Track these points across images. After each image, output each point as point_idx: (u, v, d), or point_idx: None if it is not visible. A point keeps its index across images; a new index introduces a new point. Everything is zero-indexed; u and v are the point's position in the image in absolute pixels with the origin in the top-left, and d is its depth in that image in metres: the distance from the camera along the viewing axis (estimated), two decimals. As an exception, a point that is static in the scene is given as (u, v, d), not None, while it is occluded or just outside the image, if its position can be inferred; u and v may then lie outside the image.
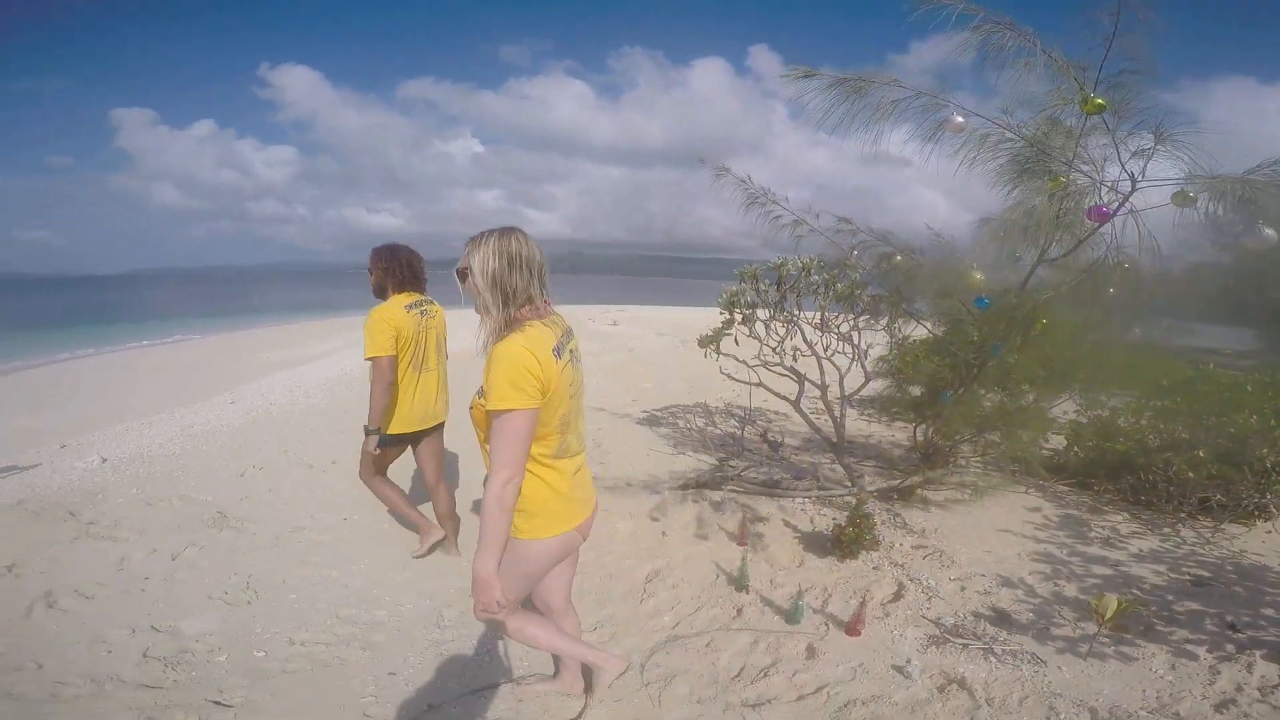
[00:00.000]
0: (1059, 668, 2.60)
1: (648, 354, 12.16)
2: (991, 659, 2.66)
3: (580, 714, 2.34)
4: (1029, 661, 2.63)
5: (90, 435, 6.27)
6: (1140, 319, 3.40)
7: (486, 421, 1.72)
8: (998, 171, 3.11)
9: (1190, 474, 4.10)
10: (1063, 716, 2.30)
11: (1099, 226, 2.87)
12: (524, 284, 1.72)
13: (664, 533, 3.98)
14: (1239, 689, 2.44)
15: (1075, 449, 5.07)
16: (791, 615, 2.97)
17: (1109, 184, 2.76)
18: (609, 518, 4.21)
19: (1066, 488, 4.88)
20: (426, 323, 3.42)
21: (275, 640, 2.84)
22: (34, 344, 15.98)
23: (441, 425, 3.66)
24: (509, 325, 1.72)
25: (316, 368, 10.49)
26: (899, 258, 3.68)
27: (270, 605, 3.13)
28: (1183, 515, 4.21)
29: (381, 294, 3.38)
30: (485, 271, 1.70)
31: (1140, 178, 2.66)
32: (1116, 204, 2.80)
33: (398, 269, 3.34)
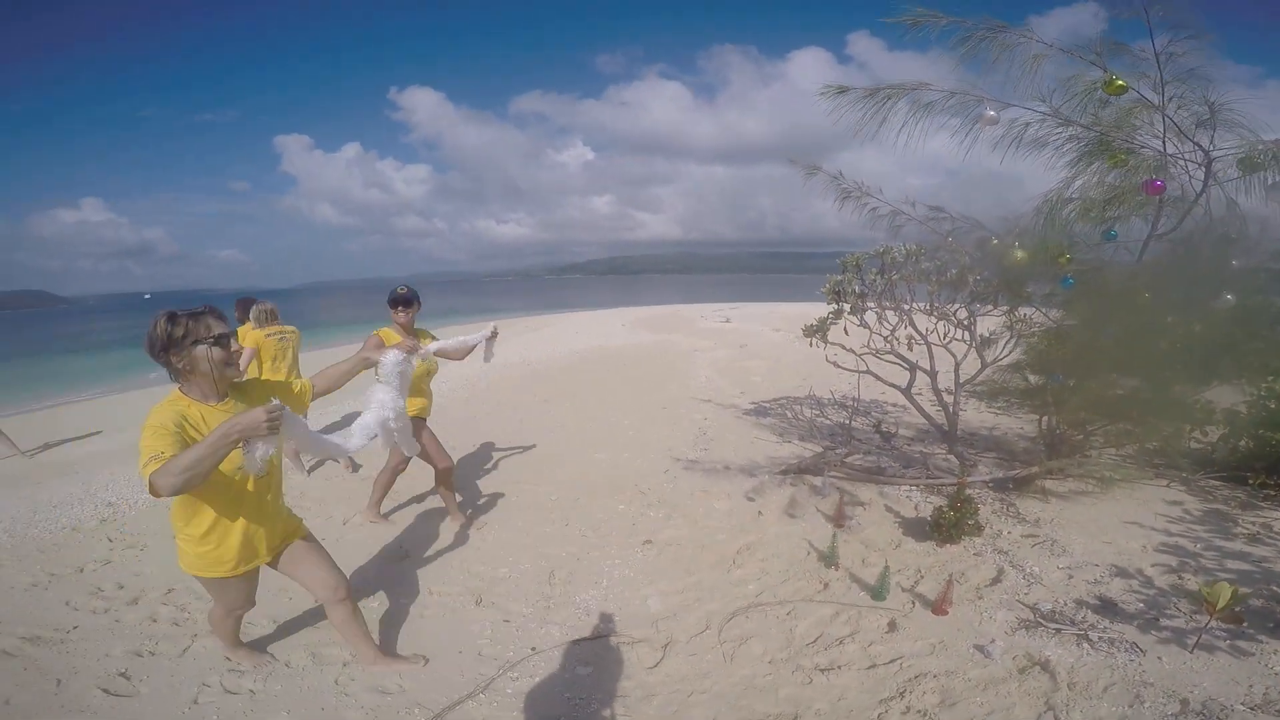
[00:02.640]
0: (1158, 658, 2.46)
1: (760, 349, 12.13)
2: (1085, 645, 2.57)
3: (657, 664, 2.59)
4: (1125, 650, 2.51)
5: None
6: (1251, 292, 3.05)
7: None
8: (1049, 158, 3.00)
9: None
10: (1149, 705, 2.20)
11: (1194, 199, 2.68)
12: None
13: (760, 512, 4.12)
14: None
15: (1230, 441, 4.54)
16: (877, 591, 3.02)
17: (1183, 157, 2.57)
18: (706, 498, 4.42)
19: (1218, 482, 4.39)
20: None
21: (419, 591, 3.35)
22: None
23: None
24: None
25: (453, 369, 11.56)
26: (995, 241, 3.56)
27: (419, 563, 3.68)
28: (1359, 512, 3.68)
29: None
30: None
31: (1212, 147, 2.47)
32: (1201, 176, 2.61)
33: None
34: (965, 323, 4.44)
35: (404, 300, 3.65)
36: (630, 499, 4.49)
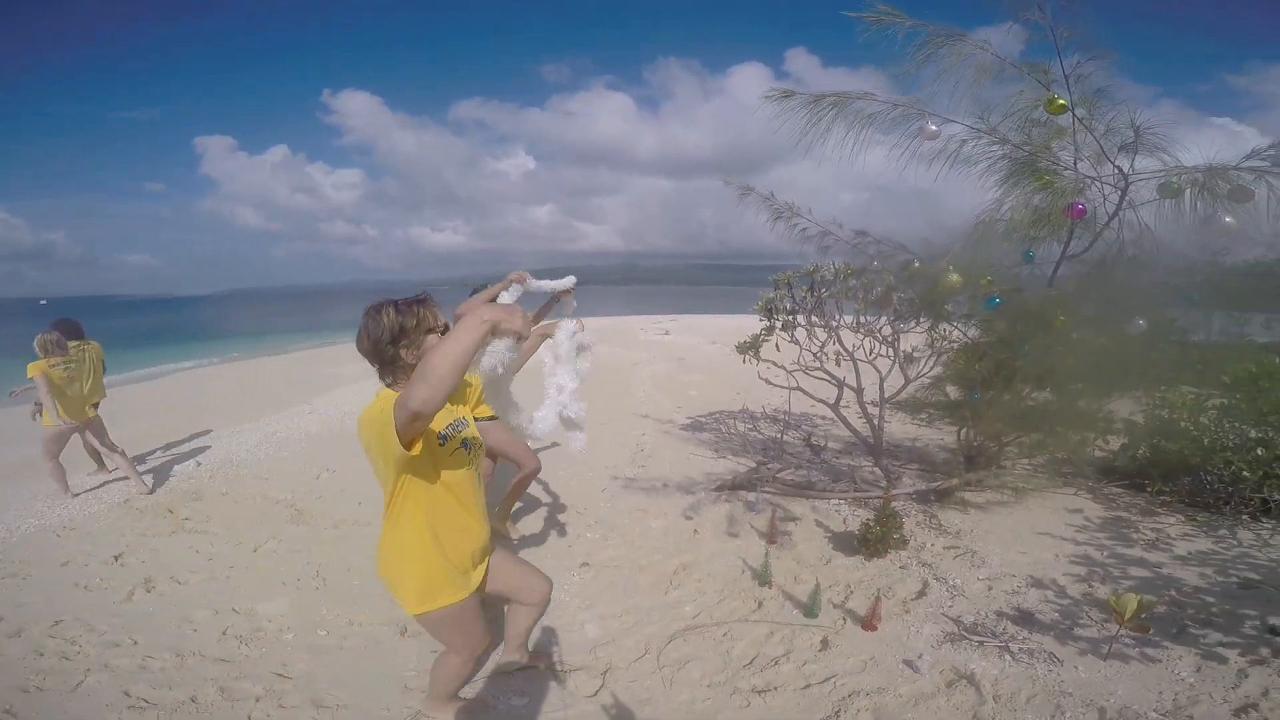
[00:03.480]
0: (1075, 667, 2.58)
1: (698, 362, 12.28)
2: (1006, 657, 2.67)
3: (596, 693, 2.53)
4: (1045, 660, 2.63)
5: (187, 443, 6.94)
6: (1156, 310, 3.29)
7: None
8: (980, 176, 3.12)
9: (1248, 473, 3.92)
10: (1069, 715, 2.30)
11: (1106, 221, 2.84)
12: None
13: (695, 530, 4.12)
14: (1265, 693, 2.37)
15: (1130, 450, 4.88)
16: (809, 609, 3.06)
17: (1101, 179, 2.74)
18: (644, 516, 4.38)
19: (1119, 489, 4.71)
20: None
21: (336, 621, 3.16)
22: (140, 359, 17.62)
23: None
24: None
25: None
26: (917, 264, 3.70)
27: (336, 590, 3.47)
28: (1242, 517, 4.02)
29: None
30: None
31: (1130, 171, 2.64)
32: (1116, 199, 2.77)
33: None
34: (889, 339, 4.60)
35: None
36: (568, 519, 4.41)
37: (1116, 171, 2.69)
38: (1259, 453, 3.95)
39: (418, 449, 1.65)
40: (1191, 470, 4.37)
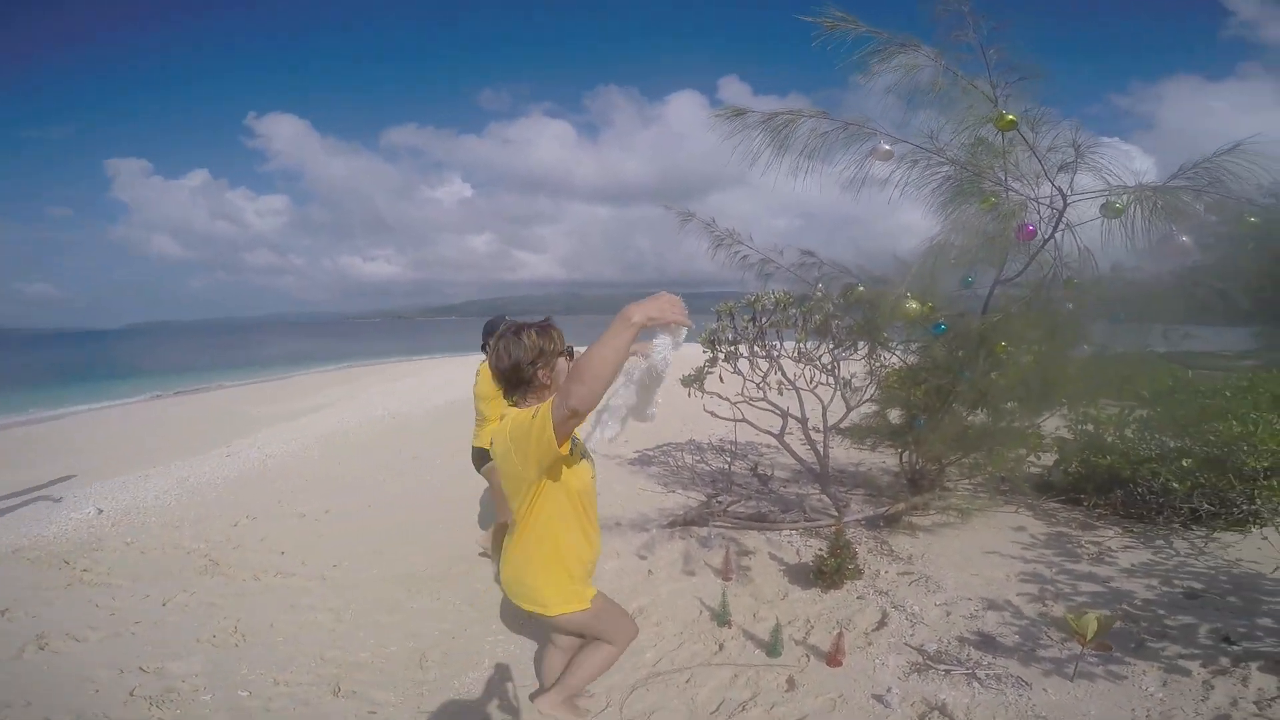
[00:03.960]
0: (1044, 690, 2.54)
1: (642, 393, 12.15)
2: (975, 684, 2.61)
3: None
4: (1014, 685, 2.58)
5: (87, 488, 6.29)
6: (1094, 330, 3.39)
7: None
8: (930, 195, 3.14)
9: (1176, 484, 4.08)
10: (1043, 739, 2.25)
11: (1042, 243, 2.91)
12: None
13: (650, 570, 3.95)
14: (1234, 703, 2.39)
15: (1063, 465, 5.04)
16: (772, 648, 2.93)
17: (1042, 200, 2.81)
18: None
19: (1057, 504, 4.84)
20: None
21: (260, 681, 2.85)
22: (35, 400, 16.08)
23: None
24: None
25: (314, 421, 10.52)
26: (861, 288, 3.73)
27: (257, 647, 3.13)
28: (1175, 526, 4.17)
29: None
30: None
31: (1070, 191, 2.71)
32: (1053, 220, 2.84)
33: None
34: (828, 367, 4.63)
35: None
36: (511, 564, 4.16)
37: (1055, 192, 2.76)
38: (1184, 464, 4.12)
39: (566, 448, 1.73)
40: (1123, 483, 4.53)
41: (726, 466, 6.20)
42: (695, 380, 5.04)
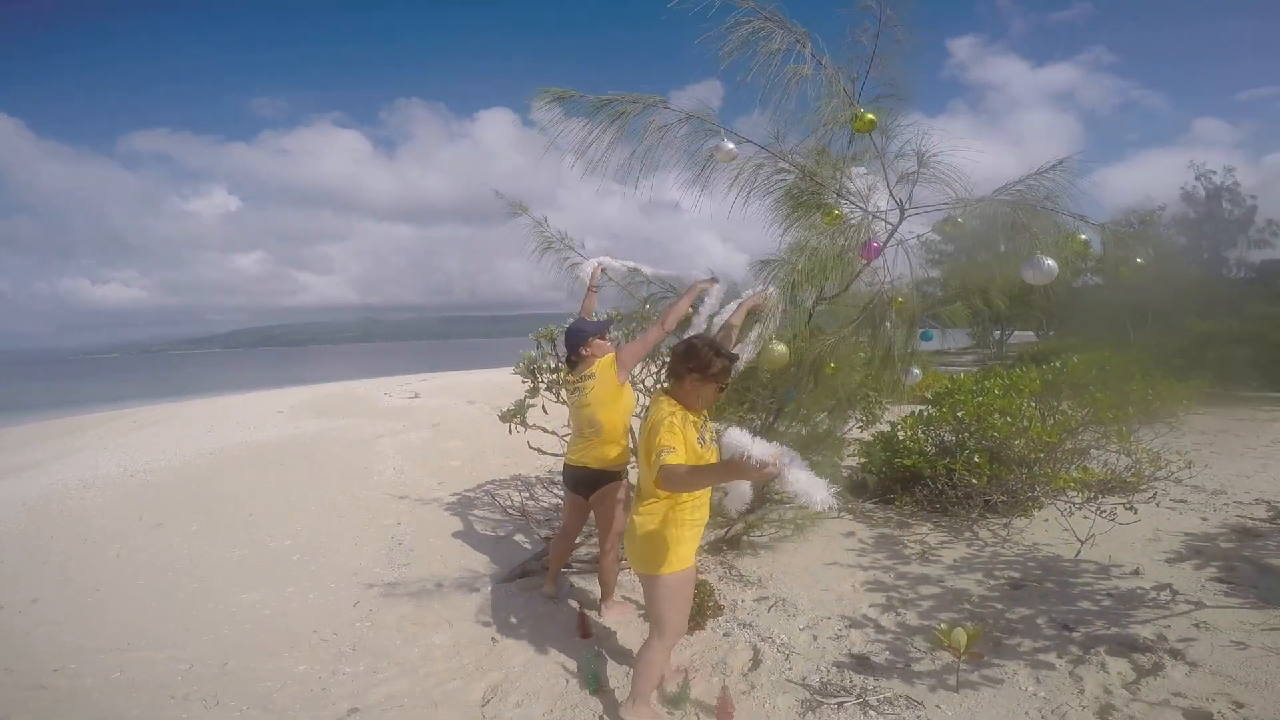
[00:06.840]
0: (938, 706, 2.52)
1: (457, 425, 11.16)
2: (870, 711, 2.51)
3: None
4: (908, 706, 2.53)
5: None
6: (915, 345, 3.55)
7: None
8: (773, 206, 3.07)
9: (974, 480, 4.51)
10: (953, 762, 2.17)
11: (867, 264, 2.95)
12: None
13: (494, 638, 3.38)
14: (1107, 690, 2.55)
15: (868, 468, 5.42)
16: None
17: (879, 214, 2.83)
18: (420, 631, 3.50)
19: (872, 505, 5.16)
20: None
21: None
22: None
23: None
24: None
25: (16, 482, 8.00)
26: (691, 310, 3.59)
27: None
28: (974, 517, 4.62)
29: None
30: None
31: (908, 204, 2.76)
32: (886, 236, 2.89)
33: None
34: (652, 390, 4.48)
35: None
36: (311, 652, 3.31)
37: (894, 204, 2.78)
38: (975, 460, 4.58)
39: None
40: (924, 481, 4.95)
41: (562, 502, 5.76)
42: (515, 414, 4.61)
